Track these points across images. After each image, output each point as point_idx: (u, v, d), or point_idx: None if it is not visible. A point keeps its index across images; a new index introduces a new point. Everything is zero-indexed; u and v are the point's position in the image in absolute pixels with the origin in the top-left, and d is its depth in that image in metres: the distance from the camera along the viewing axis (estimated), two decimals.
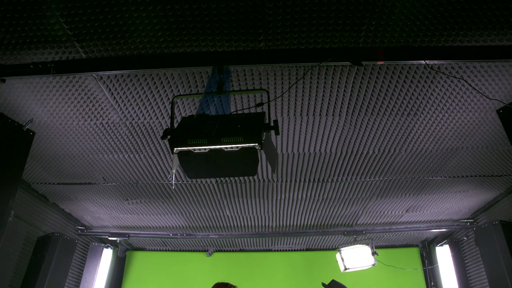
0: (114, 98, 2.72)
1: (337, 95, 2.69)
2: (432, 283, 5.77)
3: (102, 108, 2.84)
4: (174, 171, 2.55)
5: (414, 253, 6.06)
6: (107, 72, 2.41)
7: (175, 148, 1.91)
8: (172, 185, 3.80)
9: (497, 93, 2.66)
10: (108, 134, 3.13)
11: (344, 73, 2.50)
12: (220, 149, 1.90)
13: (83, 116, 2.92)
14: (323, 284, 3.76)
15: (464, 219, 5.03)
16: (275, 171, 3.22)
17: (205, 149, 1.89)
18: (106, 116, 2.92)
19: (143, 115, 2.89)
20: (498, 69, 2.47)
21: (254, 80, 2.54)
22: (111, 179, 3.88)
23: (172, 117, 2.16)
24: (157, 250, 6.22)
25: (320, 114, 2.87)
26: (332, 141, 3.21)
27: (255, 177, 3.78)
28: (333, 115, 2.88)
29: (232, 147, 1.87)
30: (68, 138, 3.18)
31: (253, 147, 1.85)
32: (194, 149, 1.91)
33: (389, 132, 3.10)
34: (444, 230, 5.22)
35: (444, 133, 3.12)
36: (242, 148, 1.87)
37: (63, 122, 2.98)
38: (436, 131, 3.09)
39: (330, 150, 3.33)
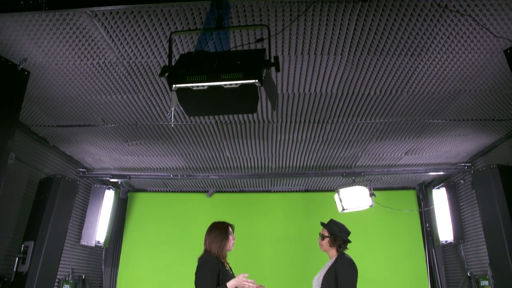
0: (110, 36, 2.64)
1: (339, 33, 2.61)
2: (427, 224, 5.93)
3: (98, 47, 2.76)
4: (173, 109, 2.52)
5: (411, 195, 6.18)
6: (101, 8, 2.32)
7: (174, 85, 1.87)
8: (171, 124, 3.79)
9: (505, 33, 2.58)
10: (105, 74, 3.07)
11: (347, 10, 2.40)
12: (220, 86, 1.86)
13: (79, 56, 2.85)
14: (322, 224, 3.85)
15: (462, 163, 5.08)
16: (275, 108, 3.19)
17: (204, 86, 1.86)
18: (103, 55, 2.85)
19: (140, 54, 2.82)
20: (509, 7, 2.37)
21: (254, 16, 2.46)
22: (110, 120, 3.86)
23: (170, 54, 2.11)
24: (158, 191, 6.34)
25: (321, 53, 2.80)
26: (333, 82, 3.16)
27: (255, 117, 3.76)
28: (334, 54, 2.81)
29: (231, 84, 1.84)
30: (65, 79, 3.13)
31: (253, 84, 1.82)
32: (193, 86, 1.87)
33: (391, 72, 3.04)
34: (442, 173, 5.28)
35: (448, 74, 3.06)
36: (242, 84, 1.83)
37: (58, 63, 2.92)
38: (440, 72, 3.03)
39: (331, 90, 3.29)
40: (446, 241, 5.52)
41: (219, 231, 3.71)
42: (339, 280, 3.47)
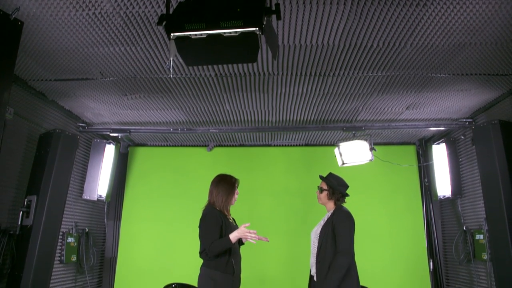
0: None
1: None
2: (426, 180, 5.98)
3: None
4: (171, 59, 2.47)
5: (411, 150, 6.20)
6: None
7: (172, 34, 1.83)
8: (170, 75, 3.74)
9: None
10: (102, 25, 2.99)
11: None
12: (219, 34, 1.81)
13: (74, 6, 2.75)
14: (321, 177, 3.88)
15: (463, 119, 5.06)
16: (276, 58, 3.13)
17: (203, 34, 1.81)
18: (99, 5, 2.76)
19: (137, 3, 2.73)
20: None
21: None
22: (109, 73, 3.80)
23: (167, 2, 2.04)
24: (158, 146, 6.36)
25: (324, 2, 2.71)
26: (336, 33, 3.08)
27: (255, 70, 3.70)
28: (337, 3, 2.72)
29: (231, 32, 1.79)
30: (61, 31, 3.05)
31: (253, 32, 1.77)
32: (192, 35, 1.83)
33: (395, 24, 2.96)
34: (443, 128, 5.27)
35: (453, 26, 2.98)
36: (242, 33, 1.79)
37: (53, 13, 2.83)
38: (445, 24, 2.95)
39: (333, 42, 3.21)
40: (444, 196, 5.59)
41: (227, 185, 3.75)
42: (337, 232, 3.52)
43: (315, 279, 3.63)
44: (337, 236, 3.51)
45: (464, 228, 5.28)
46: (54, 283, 4.70)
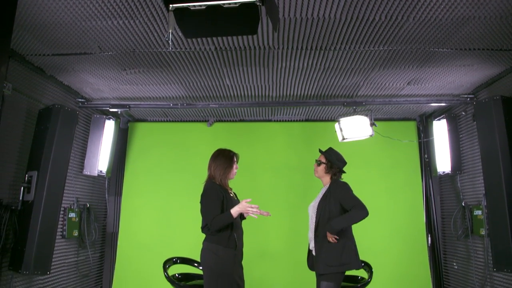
0: None
1: None
2: (426, 155, 5.99)
3: None
4: (170, 31, 2.42)
5: (411, 126, 6.19)
6: None
7: (171, 5, 1.79)
8: (169, 49, 3.69)
9: None
10: None
11: None
12: (219, 5, 1.77)
13: None
14: (320, 150, 3.89)
15: (464, 94, 5.02)
16: (276, 29, 3.08)
17: (202, 5, 1.77)
18: None
19: None
20: None
21: None
22: (107, 48, 3.75)
23: None
24: (158, 121, 6.35)
25: None
26: (337, 6, 3.02)
27: (255, 44, 3.65)
28: None
29: (231, 3, 1.75)
30: (57, 4, 2.99)
31: (254, 3, 1.73)
32: (191, 6, 1.79)
33: None
34: (444, 104, 5.24)
35: (457, 0, 2.92)
36: (242, 3, 1.75)
37: None
38: None
39: (334, 15, 3.15)
40: (444, 172, 5.61)
41: (224, 159, 3.77)
42: (341, 199, 3.60)
43: (313, 253, 3.68)
44: (343, 202, 3.59)
45: (463, 204, 5.31)
46: (57, 257, 4.75)
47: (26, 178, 4.04)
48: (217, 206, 3.57)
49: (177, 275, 4.35)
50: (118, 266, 5.83)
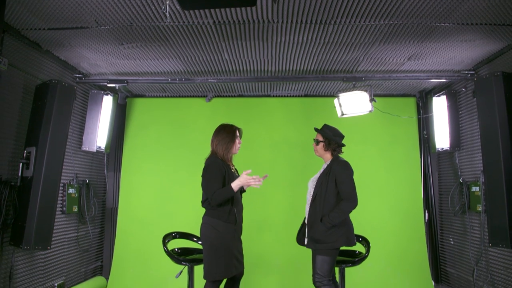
0: None
1: None
2: (425, 132, 5.99)
3: None
4: (168, 2, 2.36)
5: (411, 102, 6.16)
6: None
7: None
8: (166, 22, 3.62)
9: None
10: None
11: None
12: None
13: None
14: (316, 129, 3.88)
15: (465, 71, 4.98)
16: (276, 1, 3.02)
17: None
18: None
19: None
20: None
21: None
22: (104, 21, 3.68)
23: None
24: (156, 97, 6.31)
25: None
26: None
27: (254, 17, 3.58)
28: None
29: None
30: None
31: None
32: None
33: None
34: (444, 80, 5.21)
35: None
36: None
37: None
38: None
39: None
40: (442, 149, 5.61)
41: (227, 133, 3.76)
42: (338, 181, 3.60)
43: (306, 223, 3.73)
44: (340, 185, 3.60)
45: (461, 180, 5.34)
46: (57, 232, 4.79)
47: (24, 154, 4.03)
48: (218, 180, 3.58)
49: (176, 249, 4.39)
50: (118, 241, 5.89)
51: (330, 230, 3.53)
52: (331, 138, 3.75)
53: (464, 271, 5.35)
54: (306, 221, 3.79)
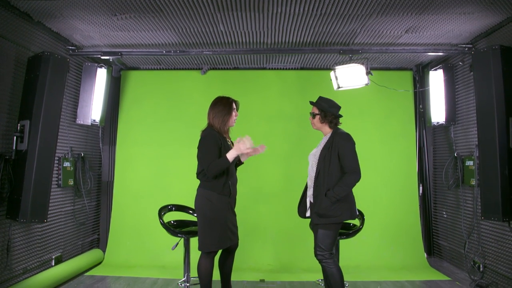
0: None
1: None
2: (421, 106, 5.98)
3: None
4: None
5: (407, 76, 6.13)
6: None
7: None
8: None
9: None
10: None
11: None
12: None
13: None
14: (311, 102, 3.85)
15: (463, 44, 4.93)
16: None
17: None
18: None
19: None
20: None
21: None
22: None
23: None
24: (151, 69, 6.24)
25: None
26: None
27: None
28: None
29: None
30: None
31: None
32: None
33: None
34: (441, 54, 5.16)
35: None
36: None
37: None
38: None
39: None
40: (438, 123, 5.62)
41: (223, 106, 3.75)
42: (341, 154, 3.55)
43: (311, 200, 3.71)
44: (342, 158, 3.55)
45: (455, 155, 5.37)
46: (53, 206, 4.81)
47: (18, 128, 3.99)
48: (214, 152, 3.58)
49: (172, 222, 4.43)
50: (114, 214, 5.92)
51: (335, 204, 3.51)
52: (326, 109, 3.70)
53: (456, 243, 5.44)
54: (307, 194, 3.78)
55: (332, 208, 3.52)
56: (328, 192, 3.51)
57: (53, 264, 4.81)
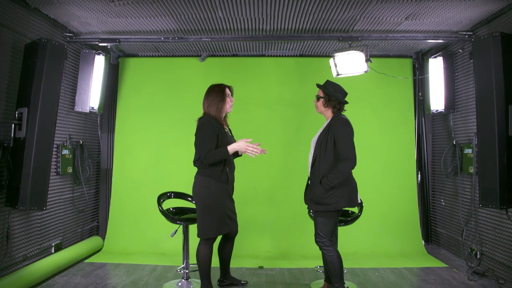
0: None
1: None
2: (420, 93, 5.96)
3: None
4: None
5: (407, 64, 6.11)
6: None
7: None
8: None
9: None
10: None
11: None
12: None
13: None
14: (318, 85, 3.80)
15: (463, 31, 4.90)
16: None
17: None
18: None
19: None
20: None
21: None
22: None
23: None
24: (149, 56, 6.20)
25: None
26: None
27: None
28: None
29: None
30: None
31: None
32: None
33: None
34: (441, 41, 5.14)
35: None
36: None
37: None
38: None
39: None
40: (437, 110, 5.61)
41: (216, 93, 3.75)
42: (337, 140, 3.50)
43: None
44: (338, 144, 3.50)
45: (454, 142, 5.37)
46: (53, 193, 4.82)
47: (16, 115, 3.98)
48: (212, 140, 3.58)
49: (171, 209, 4.44)
50: (113, 202, 5.94)
51: (330, 192, 3.47)
52: (331, 94, 3.64)
53: (454, 231, 5.47)
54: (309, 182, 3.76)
55: (327, 196, 3.48)
56: (323, 180, 3.47)
57: (53, 251, 4.84)
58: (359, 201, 3.80)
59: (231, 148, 3.55)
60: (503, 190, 3.95)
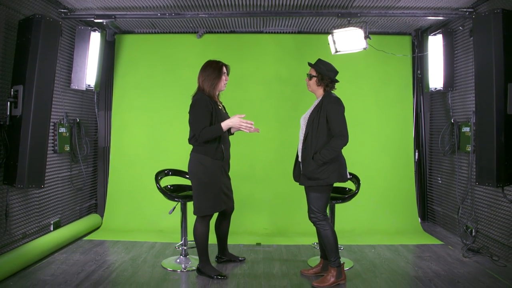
0: None
1: None
2: (419, 71, 5.92)
3: None
4: None
5: (406, 41, 6.05)
6: None
7: None
8: None
9: None
10: None
11: None
12: None
13: None
14: (309, 64, 3.80)
15: (463, 8, 4.83)
16: None
17: None
18: None
19: None
20: None
21: None
22: None
23: None
24: (146, 33, 6.12)
25: None
26: None
27: None
28: None
29: None
30: None
31: None
32: None
33: None
34: (441, 18, 5.08)
35: None
36: None
37: None
38: None
39: None
40: (435, 89, 5.58)
41: (213, 70, 3.72)
42: (329, 117, 3.57)
43: (300, 160, 3.75)
44: (330, 121, 3.57)
45: (452, 121, 5.36)
46: (50, 171, 4.82)
47: (12, 93, 3.94)
48: (206, 117, 3.58)
49: (169, 186, 4.45)
50: (111, 180, 5.95)
51: (322, 167, 3.55)
52: (324, 73, 3.67)
53: (450, 209, 5.52)
54: (299, 159, 3.80)
55: (318, 171, 3.56)
56: (315, 155, 3.55)
57: (52, 229, 4.87)
58: (349, 177, 3.88)
59: (225, 124, 3.55)
60: (500, 168, 3.97)
